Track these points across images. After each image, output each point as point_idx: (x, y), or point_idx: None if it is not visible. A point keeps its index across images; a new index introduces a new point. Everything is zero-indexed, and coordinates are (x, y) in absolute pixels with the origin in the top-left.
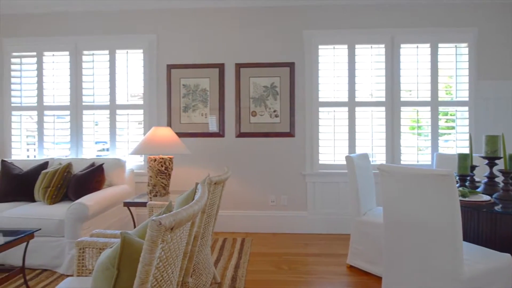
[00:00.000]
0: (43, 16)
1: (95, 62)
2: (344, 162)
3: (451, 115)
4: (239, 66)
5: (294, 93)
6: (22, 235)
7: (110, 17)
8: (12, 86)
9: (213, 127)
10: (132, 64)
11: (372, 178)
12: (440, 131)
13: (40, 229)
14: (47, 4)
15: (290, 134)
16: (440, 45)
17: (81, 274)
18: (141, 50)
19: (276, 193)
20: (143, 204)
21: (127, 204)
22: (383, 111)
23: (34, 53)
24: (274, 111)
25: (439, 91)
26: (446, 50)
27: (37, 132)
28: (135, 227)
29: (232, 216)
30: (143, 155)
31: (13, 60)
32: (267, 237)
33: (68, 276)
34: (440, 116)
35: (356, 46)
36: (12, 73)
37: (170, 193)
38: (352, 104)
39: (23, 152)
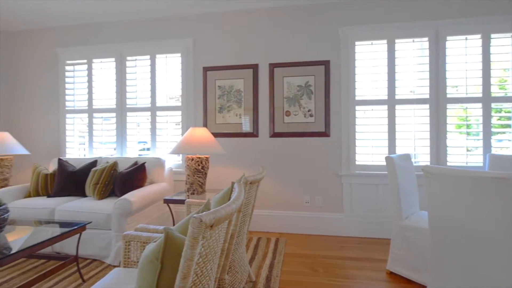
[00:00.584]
0: (92, 26)
1: (138, 67)
2: (383, 163)
3: (505, 112)
4: (273, 66)
5: (329, 91)
6: (76, 227)
7: (151, 24)
8: (67, 91)
9: (246, 127)
10: (170, 68)
11: (415, 180)
12: (493, 129)
13: (91, 222)
14: (95, 16)
15: (325, 134)
16: (493, 35)
17: (127, 265)
18: (179, 54)
19: (311, 193)
20: (182, 202)
21: (167, 201)
22: (426, 108)
23: (85, 61)
24: (309, 111)
25: (491, 86)
26: (500, 41)
27: (87, 133)
28: (174, 223)
29: (266, 216)
30: (181, 154)
31: (67, 67)
32: (302, 238)
33: (115, 266)
34: (492, 113)
35: (396, 40)
36: (66, 80)
37: (206, 192)
38: (392, 102)
39: (75, 151)
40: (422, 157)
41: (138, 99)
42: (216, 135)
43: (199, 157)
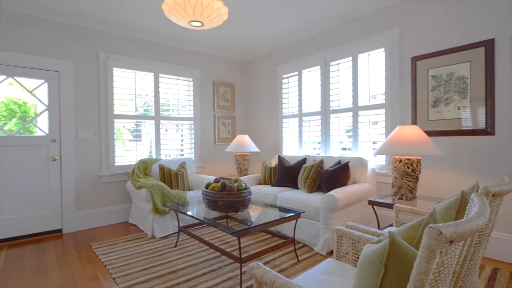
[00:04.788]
0: (301, 41)
1: (340, 70)
2: None
3: None
4: None
5: None
6: (293, 214)
7: (352, 25)
8: (283, 100)
9: (468, 122)
10: (373, 65)
11: None
12: None
13: (304, 211)
14: (305, 31)
15: None
16: None
17: (339, 258)
18: (383, 49)
19: None
20: (389, 205)
21: (372, 203)
22: None
23: (296, 73)
24: None
25: None
26: None
27: (297, 134)
28: (378, 226)
29: (509, 242)
30: (385, 155)
31: (283, 80)
32: None
33: (321, 255)
34: None
35: None
36: (283, 90)
37: (417, 198)
38: None
39: (289, 149)
40: None
41: (340, 101)
42: (429, 133)
43: (409, 159)
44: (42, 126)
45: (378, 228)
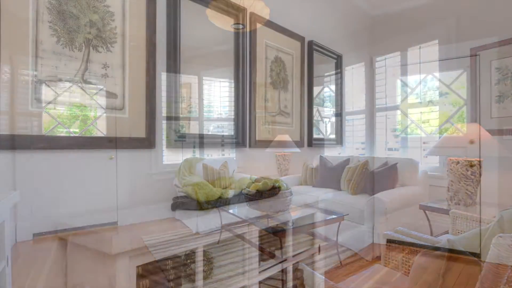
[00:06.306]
0: (344, 37)
1: (387, 66)
2: None
3: None
4: None
5: None
6: (336, 216)
7: (401, 17)
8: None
9: None
10: (424, 59)
11: None
12: None
13: (348, 214)
14: (346, 26)
15: None
16: None
17: (387, 265)
18: (436, 41)
19: None
20: (444, 211)
21: (424, 208)
22: None
23: (338, 70)
24: None
25: None
26: None
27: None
28: (431, 233)
29: None
30: (438, 156)
31: (325, 79)
32: None
33: (366, 260)
34: None
35: None
36: (324, 90)
37: (477, 204)
38: None
39: (331, 150)
40: None
41: (387, 98)
42: (492, 132)
43: (469, 160)
44: (100, 128)
45: (431, 235)
